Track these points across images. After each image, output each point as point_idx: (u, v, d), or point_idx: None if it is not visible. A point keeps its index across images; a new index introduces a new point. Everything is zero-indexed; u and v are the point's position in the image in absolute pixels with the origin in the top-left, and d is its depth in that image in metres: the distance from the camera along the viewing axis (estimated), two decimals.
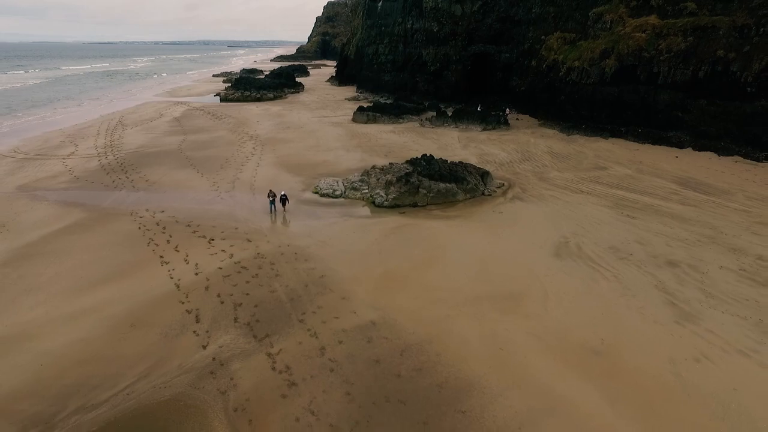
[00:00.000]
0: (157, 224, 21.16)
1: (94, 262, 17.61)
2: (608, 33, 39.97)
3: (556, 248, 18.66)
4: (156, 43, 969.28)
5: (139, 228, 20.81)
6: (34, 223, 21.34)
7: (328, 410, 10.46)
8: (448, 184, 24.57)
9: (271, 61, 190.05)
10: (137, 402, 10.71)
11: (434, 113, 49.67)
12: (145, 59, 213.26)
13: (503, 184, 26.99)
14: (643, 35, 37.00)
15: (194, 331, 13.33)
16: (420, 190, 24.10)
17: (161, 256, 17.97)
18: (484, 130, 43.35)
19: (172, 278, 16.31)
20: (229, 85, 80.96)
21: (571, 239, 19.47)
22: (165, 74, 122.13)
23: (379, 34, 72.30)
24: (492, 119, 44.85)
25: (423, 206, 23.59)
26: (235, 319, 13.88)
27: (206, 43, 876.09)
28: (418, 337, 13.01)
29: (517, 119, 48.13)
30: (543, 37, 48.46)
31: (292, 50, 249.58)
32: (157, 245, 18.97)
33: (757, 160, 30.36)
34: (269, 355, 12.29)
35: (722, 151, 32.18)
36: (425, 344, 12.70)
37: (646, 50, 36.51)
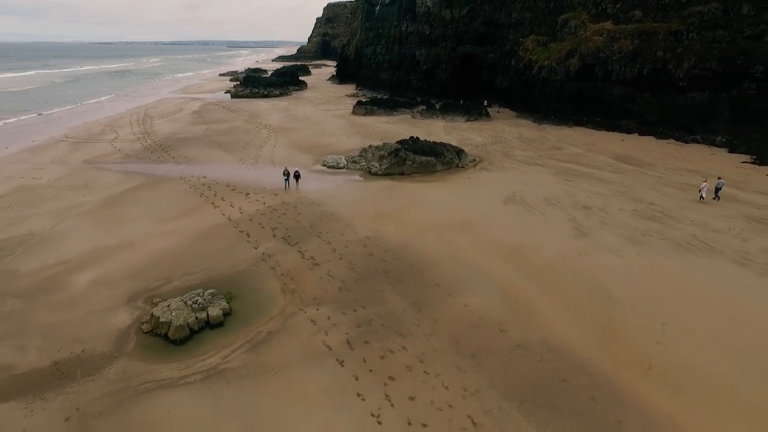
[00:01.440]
0: (203, 185, 27.72)
1: (165, 206, 24.17)
2: (573, 36, 46.63)
3: (505, 199, 25.25)
4: (155, 43, 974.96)
5: (190, 187, 27.37)
6: (109, 184, 27.90)
7: (339, 274, 17.02)
8: (429, 158, 31.17)
9: (272, 61, 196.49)
10: (218, 272, 17.24)
11: (425, 107, 56.31)
12: (154, 59, 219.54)
13: (475, 160, 33.59)
14: (600, 38, 43.67)
15: (247, 241, 19.90)
16: (406, 161, 30.68)
17: (213, 203, 24.53)
18: (467, 120, 49.95)
19: (224, 215, 22.87)
20: (237, 83, 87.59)
21: (517, 194, 26.06)
22: (174, 74, 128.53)
23: (377, 36, 78.97)
24: (474, 111, 51.49)
25: (408, 174, 30.16)
26: (274, 235, 20.45)
27: (206, 43, 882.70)
28: (397, 243, 19.57)
29: (498, 112, 54.76)
30: (521, 39, 55.12)
31: (292, 50, 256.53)
32: (207, 197, 25.52)
33: (686, 142, 37.03)
34: (299, 251, 18.86)
35: (660, 135, 38.85)
36: (402, 247, 19.26)
37: (603, 51, 43.19)
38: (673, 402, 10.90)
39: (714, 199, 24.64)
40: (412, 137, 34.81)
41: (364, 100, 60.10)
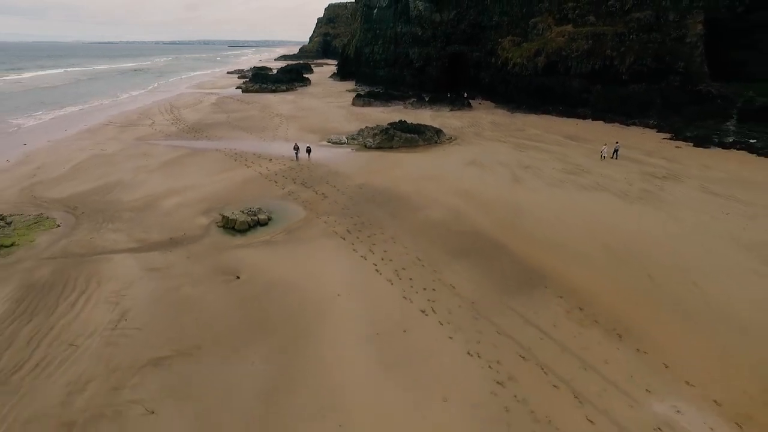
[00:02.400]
0: (235, 154, 35.70)
1: (210, 166, 32.18)
2: (541, 37, 54.61)
3: (467, 162, 33.24)
4: (156, 42, 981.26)
5: (225, 155, 35.37)
6: (161, 153, 35.91)
7: (341, 202, 25.01)
8: (413, 135, 39.17)
9: (275, 60, 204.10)
10: (259, 201, 25.21)
11: (416, 99, 64.31)
12: (163, 59, 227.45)
13: (451, 138, 41.57)
14: (563, 39, 51.64)
15: (276, 185, 27.90)
16: (394, 138, 38.69)
17: (245, 165, 32.53)
18: (451, 110, 57.94)
19: (255, 171, 30.86)
20: (246, 80, 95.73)
21: (477, 159, 34.05)
22: (185, 72, 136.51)
23: (375, 36, 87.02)
24: (458, 102, 59.51)
25: (396, 148, 38.13)
26: (294, 182, 28.46)
27: (206, 42, 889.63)
28: (383, 187, 27.56)
29: (480, 104, 62.75)
30: (500, 39, 63.08)
31: (293, 50, 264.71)
32: (240, 161, 33.50)
33: (627, 125, 45.00)
34: (314, 190, 26.87)
35: (608, 120, 46.82)
36: (385, 189, 27.25)
37: (564, 50, 51.15)
38: (540, 253, 18.88)
39: (612, 158, 32.99)
40: (400, 120, 42.83)
41: (362, 93, 68.05)
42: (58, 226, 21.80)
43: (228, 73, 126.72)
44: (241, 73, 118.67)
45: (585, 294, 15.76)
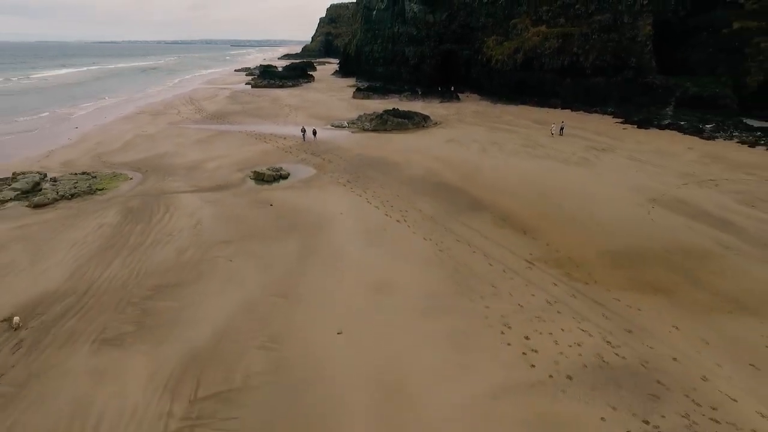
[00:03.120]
0: (254, 134, 43.06)
1: (236, 142, 39.57)
2: (519, 37, 61.90)
3: (447, 140, 40.55)
4: (158, 42, 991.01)
5: (246, 135, 42.74)
6: (193, 134, 43.31)
7: (343, 165, 32.36)
8: (403, 120, 46.50)
9: (278, 59, 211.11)
10: (279, 164, 32.60)
11: (410, 93, 71.63)
12: (173, 58, 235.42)
13: (436, 123, 48.87)
14: (538, 38, 58.91)
15: (290, 154, 35.28)
16: (388, 122, 46.02)
17: (264, 141, 39.90)
18: (441, 102, 65.23)
19: (273, 146, 38.25)
20: (253, 77, 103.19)
21: (456, 138, 41.35)
22: (196, 70, 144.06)
23: (374, 36, 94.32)
24: (447, 95, 66.85)
25: (389, 130, 45.41)
26: (305, 152, 35.84)
27: (208, 42, 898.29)
28: (377, 156, 34.89)
29: (468, 96, 70.04)
30: (485, 39, 70.32)
31: (295, 49, 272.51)
32: (260, 139, 40.85)
33: (590, 112, 52.23)
34: (321, 158, 34.23)
35: (575, 108, 54.05)
36: (379, 157, 34.59)
37: (539, 48, 58.41)
38: (487, 194, 26.21)
39: (560, 134, 40.43)
40: (394, 108, 50.19)
41: (362, 88, 75.37)
42: (131, 179, 29.23)
43: (236, 71, 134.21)
44: (248, 71, 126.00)
45: (509, 213, 23.08)
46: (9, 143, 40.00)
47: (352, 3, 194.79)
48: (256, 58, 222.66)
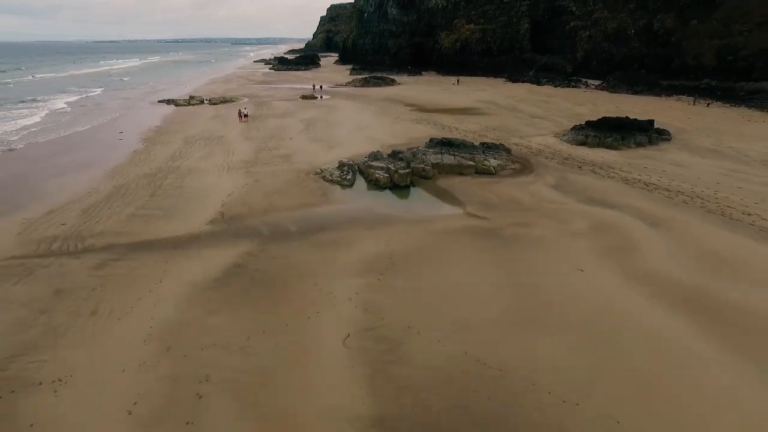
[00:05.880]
0: (293, 88, 77.88)
1: (287, 87, 74.49)
2: (458, 31, 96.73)
3: (403, 90, 75.43)
4: (159, 41, 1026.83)
5: (289, 87, 77.58)
6: (259, 88, 78.14)
7: (344, 96, 67.29)
8: (379, 80, 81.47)
9: (285, 53, 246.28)
10: (315, 95, 67.46)
11: (389, 71, 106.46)
12: (186, 54, 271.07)
13: (400, 83, 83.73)
14: (468, 32, 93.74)
15: (315, 94, 70.24)
16: (369, 81, 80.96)
17: (302, 88, 74.80)
18: (408, 75, 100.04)
19: (307, 89, 73.22)
20: (272, 65, 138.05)
21: (408, 89, 76.19)
22: (220, 62, 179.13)
23: (366, 32, 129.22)
24: (414, 72, 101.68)
25: (370, 87, 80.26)
26: (320, 88, 70.76)
27: (208, 41, 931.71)
28: (363, 94, 69.76)
29: (428, 73, 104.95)
30: (441, 33, 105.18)
31: (295, 46, 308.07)
32: (300, 90, 75.72)
33: (496, 78, 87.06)
34: (330, 94, 69.11)
35: (488, 76, 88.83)
36: (364, 94, 69.47)
37: (469, 39, 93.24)
38: (411, 101, 61.08)
39: (457, 84, 75.18)
40: (374, 75, 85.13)
41: (356, 68, 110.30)
42: (246, 100, 63.91)
43: (255, 62, 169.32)
44: (265, 62, 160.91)
45: (416, 104, 57.82)
46: (174, 87, 74.84)
47: (349, 3, 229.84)
48: (265, 54, 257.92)
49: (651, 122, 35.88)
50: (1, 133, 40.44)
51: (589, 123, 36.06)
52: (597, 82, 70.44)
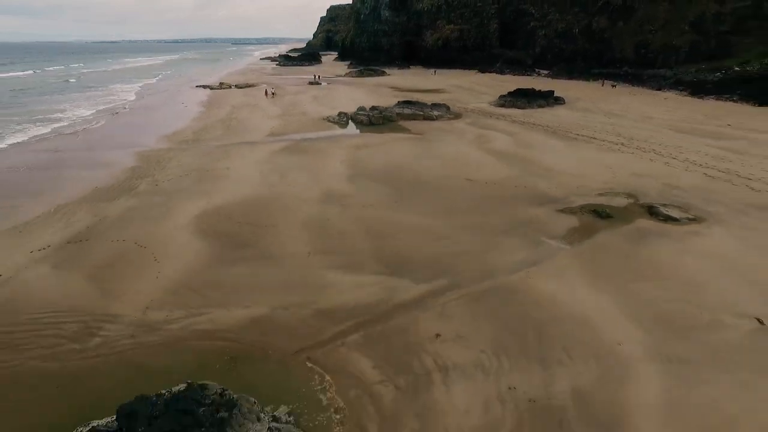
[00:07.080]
0: (303, 78, 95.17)
1: (295, 76, 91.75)
2: (440, 30, 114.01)
3: (399, 79, 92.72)
4: (159, 41, 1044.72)
5: (298, 78, 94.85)
6: (273, 77, 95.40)
7: (342, 83, 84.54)
8: (371, 71, 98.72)
9: (287, 52, 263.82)
10: (319, 82, 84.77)
11: (381, 66, 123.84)
12: (194, 54, 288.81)
13: (390, 74, 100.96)
14: (449, 31, 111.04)
15: (318, 81, 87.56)
16: (364, 73, 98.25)
17: (309, 82, 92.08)
18: (398, 69, 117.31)
19: (313, 77, 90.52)
20: (277, 62, 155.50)
21: (397, 79, 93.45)
22: (229, 59, 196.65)
23: (362, 32, 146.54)
24: (403, 66, 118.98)
25: (364, 77, 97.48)
26: (324, 81, 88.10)
27: (208, 41, 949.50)
28: (360, 82, 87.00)
29: (416, 67, 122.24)
30: (427, 32, 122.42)
31: (295, 46, 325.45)
32: (302, 79, 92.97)
33: (471, 69, 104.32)
34: (328, 81, 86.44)
35: (465, 68, 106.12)
36: (361, 82, 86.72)
37: (449, 37, 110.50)
38: (397, 86, 78.32)
39: (434, 75, 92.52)
40: (368, 67, 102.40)
41: (354, 64, 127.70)
42: (265, 85, 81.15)
43: (261, 59, 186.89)
44: (271, 59, 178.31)
45: (402, 87, 74.99)
46: (202, 78, 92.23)
47: (349, 4, 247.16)
48: (269, 52, 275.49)
49: (551, 92, 52.95)
50: (122, 101, 59.10)
51: (509, 93, 53.15)
52: (546, 71, 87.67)
